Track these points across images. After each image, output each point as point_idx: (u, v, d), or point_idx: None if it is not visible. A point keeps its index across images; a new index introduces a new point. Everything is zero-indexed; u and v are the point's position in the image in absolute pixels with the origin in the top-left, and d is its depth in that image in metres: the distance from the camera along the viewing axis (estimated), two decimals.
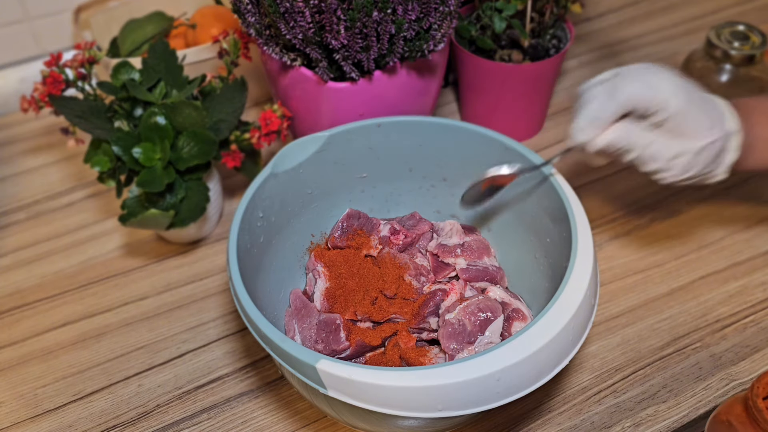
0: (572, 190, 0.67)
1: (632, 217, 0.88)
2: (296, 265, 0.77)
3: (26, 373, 0.77)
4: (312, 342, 0.68)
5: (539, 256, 0.72)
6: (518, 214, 0.74)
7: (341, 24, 0.73)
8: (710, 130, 0.64)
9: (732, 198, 0.88)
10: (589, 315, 0.60)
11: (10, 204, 0.95)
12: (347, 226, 0.76)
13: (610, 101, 0.63)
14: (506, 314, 0.69)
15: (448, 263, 0.74)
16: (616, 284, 0.81)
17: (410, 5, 0.73)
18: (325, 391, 0.57)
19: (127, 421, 0.73)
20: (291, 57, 0.80)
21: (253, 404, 0.73)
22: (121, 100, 0.81)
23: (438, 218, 0.81)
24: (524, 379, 0.57)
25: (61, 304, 0.83)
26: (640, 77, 0.63)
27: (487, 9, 0.90)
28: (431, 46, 0.77)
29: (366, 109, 0.81)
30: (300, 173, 0.74)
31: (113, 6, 1.03)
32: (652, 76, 0.63)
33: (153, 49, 0.83)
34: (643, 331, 0.77)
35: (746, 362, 0.74)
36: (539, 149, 0.96)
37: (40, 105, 0.82)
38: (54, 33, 1.10)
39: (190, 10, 1.05)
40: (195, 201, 0.80)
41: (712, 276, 0.81)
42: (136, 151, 0.77)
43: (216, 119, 0.80)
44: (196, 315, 0.81)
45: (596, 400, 0.72)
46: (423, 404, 0.55)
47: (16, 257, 0.89)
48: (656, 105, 0.62)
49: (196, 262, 0.86)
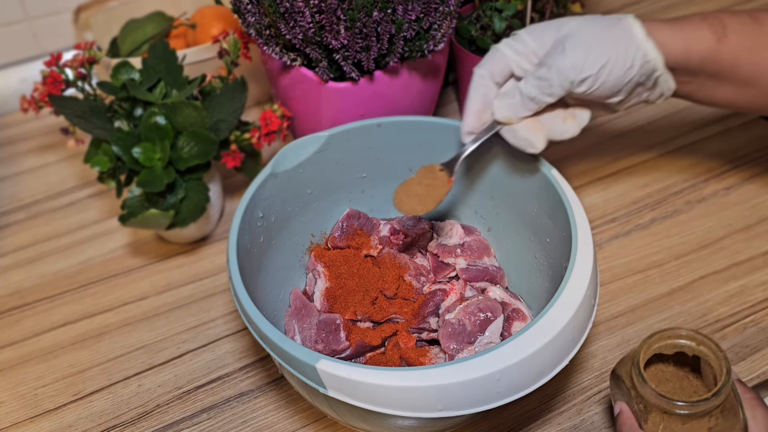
0: (572, 190, 0.67)
1: (632, 217, 0.88)
2: (296, 265, 0.77)
3: (26, 373, 0.77)
4: (312, 342, 0.68)
5: (539, 256, 0.72)
6: (518, 214, 0.74)
7: (341, 24, 0.73)
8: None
9: (732, 198, 0.88)
10: (589, 315, 0.60)
11: (10, 204, 0.95)
12: (347, 226, 0.76)
13: (476, 95, 0.69)
14: (506, 314, 0.69)
15: (448, 263, 0.74)
16: (616, 284, 0.81)
17: (410, 5, 0.73)
18: (325, 391, 0.57)
19: (127, 421, 0.73)
20: (291, 57, 0.80)
21: (253, 404, 0.73)
22: (121, 100, 0.81)
23: (438, 218, 0.81)
24: (524, 379, 0.57)
25: (61, 304, 0.83)
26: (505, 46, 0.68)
27: (487, 9, 0.90)
28: (431, 46, 0.77)
29: (366, 109, 0.81)
30: (300, 173, 0.74)
31: (113, 6, 1.03)
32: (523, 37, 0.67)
33: (153, 49, 0.83)
34: (643, 331, 0.77)
35: (746, 362, 0.74)
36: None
37: (40, 105, 0.82)
38: (54, 33, 1.10)
39: (190, 10, 1.05)
40: (195, 201, 0.80)
41: (712, 276, 0.81)
42: (136, 151, 0.77)
43: (216, 119, 0.80)
44: (196, 315, 0.81)
45: (596, 400, 0.72)
46: (423, 404, 0.55)
47: (16, 257, 0.89)
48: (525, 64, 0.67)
49: (196, 262, 0.86)
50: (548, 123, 0.68)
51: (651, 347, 0.60)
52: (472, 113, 0.69)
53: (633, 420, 0.60)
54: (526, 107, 0.67)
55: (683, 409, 0.57)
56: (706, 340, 0.59)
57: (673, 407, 0.57)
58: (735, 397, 0.59)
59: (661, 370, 0.64)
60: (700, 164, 0.92)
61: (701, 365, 0.62)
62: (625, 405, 0.61)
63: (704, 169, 0.92)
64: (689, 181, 0.91)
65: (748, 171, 0.91)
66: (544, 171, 0.69)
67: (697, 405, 0.56)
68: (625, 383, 0.61)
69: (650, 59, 0.65)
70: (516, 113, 0.67)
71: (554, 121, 0.68)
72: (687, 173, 0.92)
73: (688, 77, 0.68)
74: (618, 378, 0.62)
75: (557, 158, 0.94)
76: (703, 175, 0.91)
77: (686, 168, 0.92)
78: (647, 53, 0.65)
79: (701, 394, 0.62)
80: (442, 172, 0.69)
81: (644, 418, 0.59)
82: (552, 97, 0.65)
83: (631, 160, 0.94)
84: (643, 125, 0.98)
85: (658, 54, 0.65)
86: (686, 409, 0.57)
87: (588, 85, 0.64)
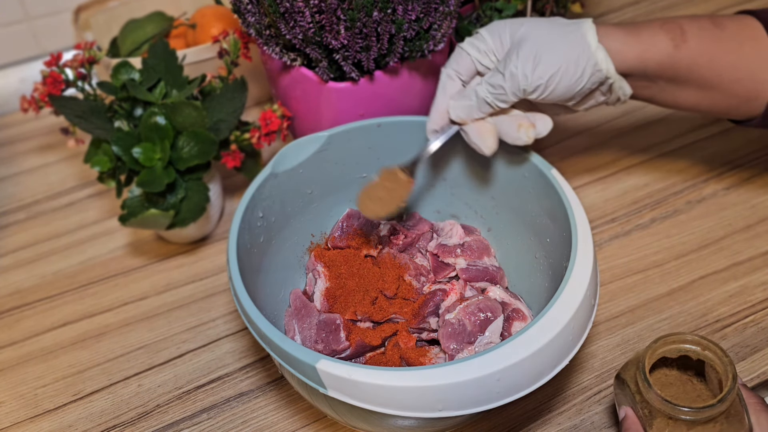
0: (572, 190, 0.67)
1: (632, 217, 0.88)
2: (296, 265, 0.77)
3: (26, 373, 0.77)
4: (312, 342, 0.68)
5: (539, 256, 0.72)
6: (518, 214, 0.74)
7: (341, 24, 0.73)
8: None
9: (732, 198, 0.88)
10: (589, 315, 0.60)
11: (10, 204, 0.95)
12: (347, 226, 0.76)
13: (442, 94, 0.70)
14: (506, 314, 0.69)
15: (448, 263, 0.74)
16: (616, 284, 0.81)
17: (410, 5, 0.73)
18: (325, 391, 0.57)
19: (127, 421, 0.73)
20: (291, 57, 0.80)
21: (253, 404, 0.73)
22: (121, 100, 0.81)
23: (438, 218, 0.81)
24: (524, 379, 0.57)
25: (61, 304, 0.83)
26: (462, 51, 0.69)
27: (487, 9, 0.90)
28: (431, 46, 0.77)
29: (366, 109, 0.81)
30: (300, 173, 0.74)
31: (113, 6, 1.03)
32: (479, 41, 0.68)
33: (153, 49, 0.83)
34: (643, 331, 0.77)
35: (746, 362, 0.74)
36: (539, 149, 0.96)
37: (40, 105, 0.82)
38: (54, 33, 1.10)
39: (190, 10, 1.05)
40: (195, 201, 0.80)
41: (712, 276, 0.81)
42: (136, 151, 0.77)
43: (216, 119, 0.80)
44: (196, 315, 0.81)
45: (596, 400, 0.72)
46: (423, 404, 0.55)
47: (16, 257, 0.89)
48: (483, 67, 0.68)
49: (196, 262, 0.86)
50: (504, 127, 0.68)
51: (656, 352, 0.60)
52: (437, 112, 0.70)
53: (638, 425, 0.60)
54: (480, 110, 0.67)
55: (688, 415, 0.56)
56: (712, 345, 0.59)
57: (678, 413, 0.57)
58: (740, 402, 0.59)
59: (664, 374, 0.64)
60: (700, 164, 0.92)
61: (705, 369, 0.62)
62: (630, 410, 0.61)
63: (704, 169, 0.92)
64: (689, 181, 0.91)
65: (747, 171, 0.91)
66: (544, 171, 0.69)
67: (702, 411, 0.56)
68: (630, 387, 0.61)
69: (601, 68, 0.65)
70: (470, 115, 0.68)
71: (510, 126, 0.68)
72: (687, 173, 0.92)
73: (646, 82, 0.69)
74: (622, 382, 0.62)
75: (557, 158, 0.94)
76: (703, 175, 0.91)
77: (686, 168, 0.92)
78: (598, 62, 0.65)
79: (705, 398, 0.62)
80: (403, 173, 0.69)
81: (649, 423, 0.59)
82: (505, 103, 0.67)
83: (631, 160, 0.94)
84: (643, 125, 0.98)
85: (609, 62, 0.65)
86: (691, 415, 0.56)
87: (539, 93, 0.65)
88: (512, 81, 0.65)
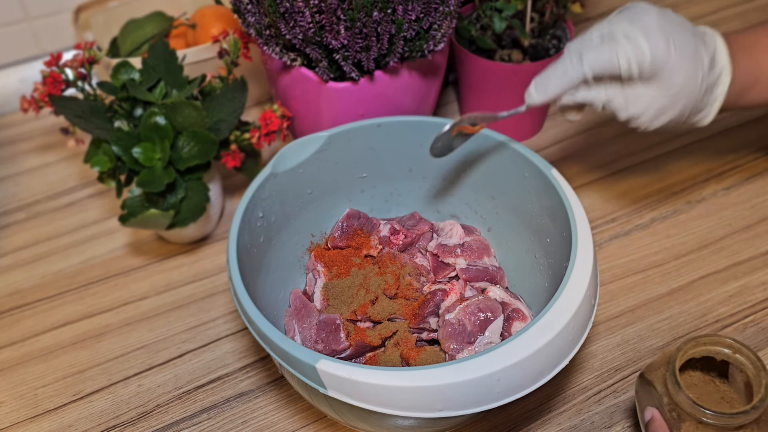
0: (572, 190, 0.67)
1: (632, 217, 0.88)
2: (296, 265, 0.77)
3: (26, 373, 0.77)
4: (312, 342, 0.68)
5: (539, 256, 0.72)
6: (518, 214, 0.74)
7: (341, 24, 0.73)
8: (687, 72, 0.63)
9: (732, 198, 0.88)
10: (589, 315, 0.60)
11: (10, 204, 0.95)
12: (347, 226, 0.77)
13: (571, 71, 0.65)
14: (506, 314, 0.69)
15: (448, 263, 0.74)
16: (616, 284, 0.81)
17: (410, 5, 0.73)
18: (325, 391, 0.57)
19: (127, 421, 0.73)
20: (291, 57, 0.80)
21: (253, 404, 0.73)
22: (121, 100, 0.81)
23: (438, 218, 0.81)
24: (524, 379, 0.57)
25: (61, 304, 0.83)
26: (618, 39, 0.63)
27: (487, 9, 0.90)
28: (431, 46, 0.77)
29: (366, 109, 0.81)
30: (300, 173, 0.74)
31: (113, 6, 1.03)
32: (631, 36, 0.63)
33: (153, 49, 0.83)
34: (643, 331, 0.77)
35: None
36: (539, 149, 0.96)
37: (40, 105, 0.82)
38: (54, 33, 1.10)
39: (190, 10, 1.05)
40: (195, 201, 0.80)
41: (712, 276, 0.81)
42: (136, 151, 0.77)
43: (216, 119, 0.80)
44: (196, 315, 0.81)
45: (596, 400, 0.72)
46: (423, 404, 0.55)
47: (16, 257, 0.89)
48: (623, 71, 0.64)
49: (197, 262, 0.86)
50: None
51: (687, 353, 0.59)
52: (553, 86, 0.66)
53: (665, 428, 0.58)
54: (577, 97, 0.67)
55: (720, 420, 0.56)
56: (744, 349, 0.58)
57: (708, 417, 0.56)
58: None
59: (689, 374, 0.63)
60: (700, 164, 0.93)
61: (729, 370, 0.61)
62: (656, 411, 0.60)
63: (704, 169, 0.92)
64: (689, 181, 0.91)
65: (747, 171, 0.91)
66: (544, 171, 0.69)
67: (735, 417, 0.55)
68: (656, 389, 0.60)
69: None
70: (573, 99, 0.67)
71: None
72: (687, 173, 0.92)
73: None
74: (648, 383, 0.61)
75: (557, 158, 0.94)
76: (703, 175, 0.91)
77: (686, 168, 0.92)
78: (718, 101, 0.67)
79: (729, 401, 0.61)
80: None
81: (677, 426, 0.58)
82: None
83: (631, 160, 0.94)
84: None
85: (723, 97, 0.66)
86: (723, 421, 0.56)
87: (664, 122, 0.66)
88: (647, 109, 0.65)
